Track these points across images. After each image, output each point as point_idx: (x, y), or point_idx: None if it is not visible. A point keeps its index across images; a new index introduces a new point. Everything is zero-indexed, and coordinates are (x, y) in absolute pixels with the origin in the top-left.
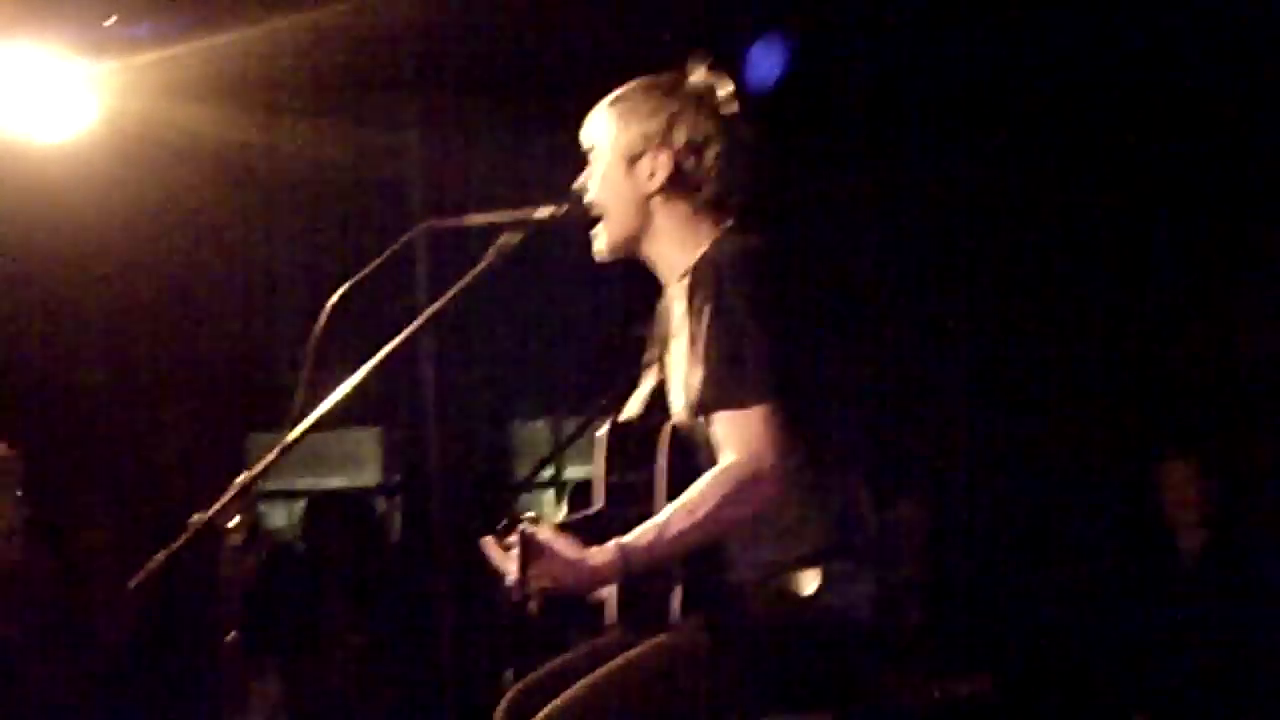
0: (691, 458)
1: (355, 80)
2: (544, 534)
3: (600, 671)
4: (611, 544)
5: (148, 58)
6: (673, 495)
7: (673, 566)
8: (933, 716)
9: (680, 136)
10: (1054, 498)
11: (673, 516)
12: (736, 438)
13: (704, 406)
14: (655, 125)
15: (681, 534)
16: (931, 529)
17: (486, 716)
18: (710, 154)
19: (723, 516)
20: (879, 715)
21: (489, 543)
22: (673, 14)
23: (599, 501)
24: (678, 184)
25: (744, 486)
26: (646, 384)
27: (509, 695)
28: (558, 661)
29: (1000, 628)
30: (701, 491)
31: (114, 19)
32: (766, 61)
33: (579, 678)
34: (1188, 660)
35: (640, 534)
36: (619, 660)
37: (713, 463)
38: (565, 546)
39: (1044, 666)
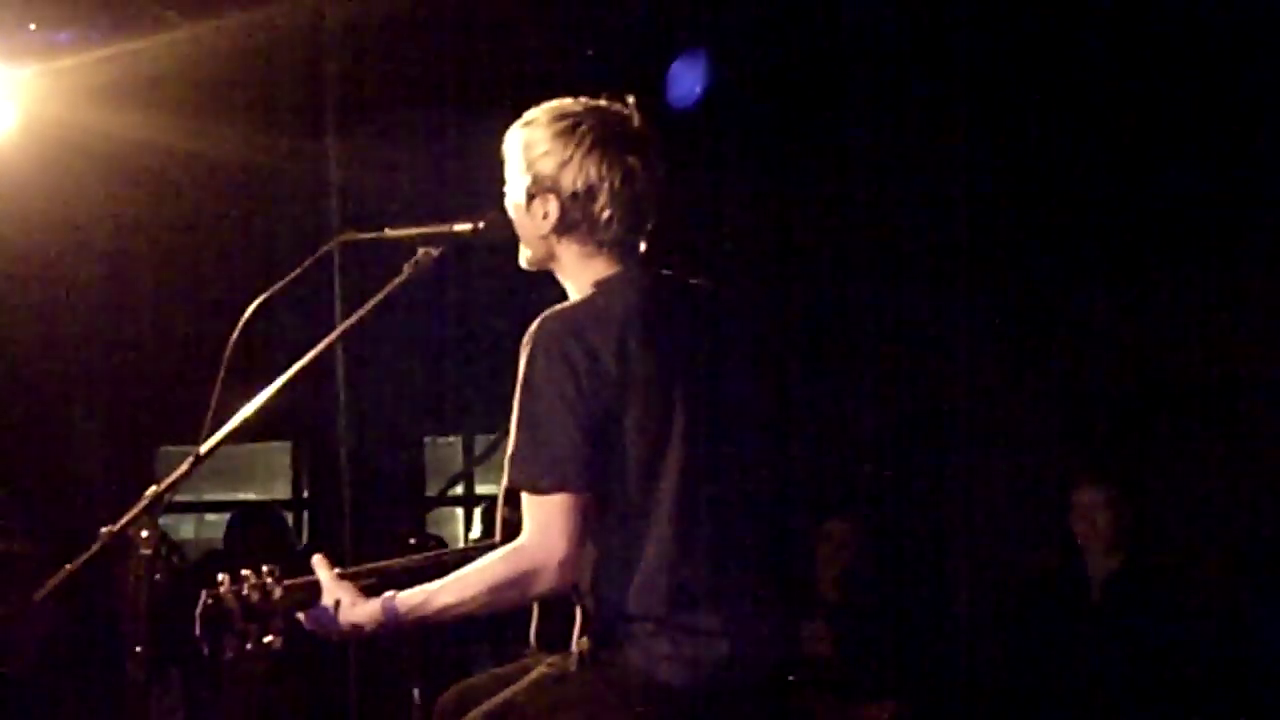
0: None
1: (275, 88)
2: (323, 576)
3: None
4: (378, 602)
5: (68, 63)
6: None
7: (575, 596)
8: None
9: (567, 183)
10: (967, 521)
11: (445, 589)
12: (533, 520)
13: (509, 481)
14: (547, 169)
15: (446, 607)
16: (859, 549)
17: None
18: (598, 202)
19: (495, 600)
20: None
21: (320, 561)
22: (597, 29)
23: (499, 534)
24: (568, 229)
25: (526, 576)
26: None
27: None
28: (494, 674)
29: (911, 652)
30: (480, 572)
31: (34, 25)
32: (688, 78)
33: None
34: (1096, 686)
35: (411, 595)
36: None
37: None
38: (339, 590)
39: (952, 692)
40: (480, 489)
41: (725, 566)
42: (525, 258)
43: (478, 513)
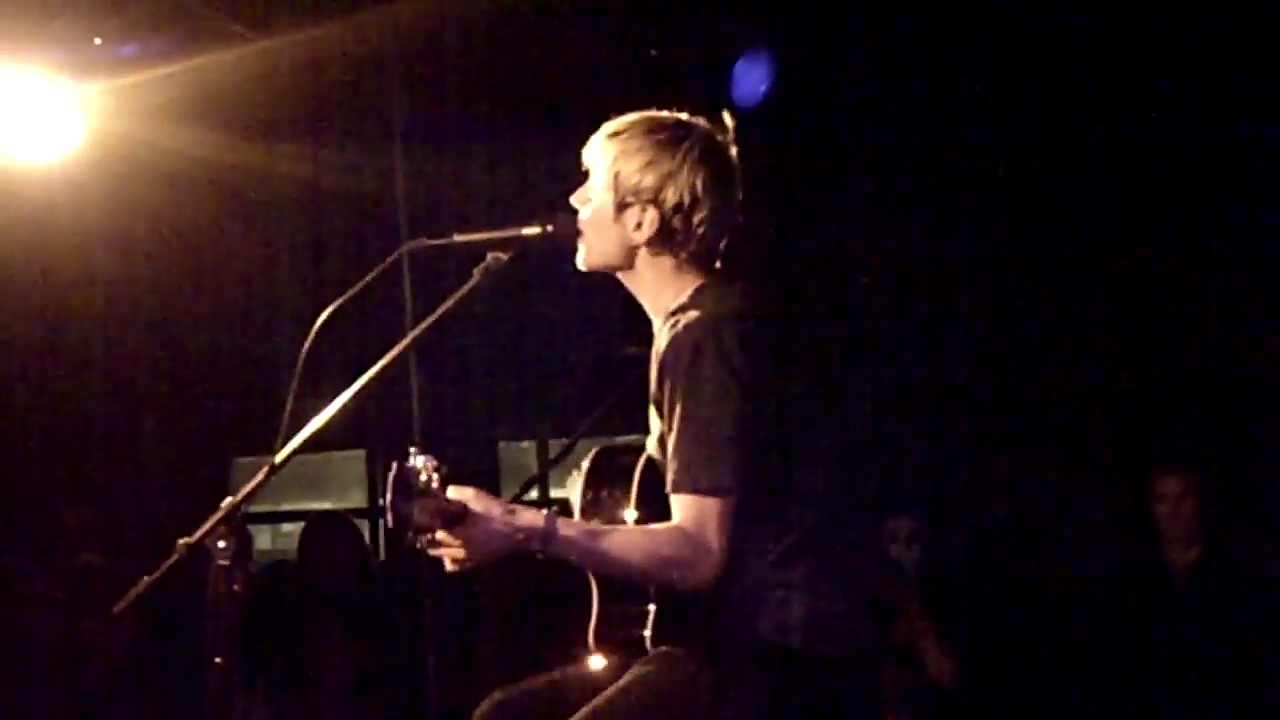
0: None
1: (341, 100)
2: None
3: (589, 707)
4: (541, 514)
5: (134, 79)
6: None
7: (648, 593)
8: None
9: (670, 197)
10: (1048, 510)
11: (610, 536)
12: (692, 521)
13: (671, 484)
14: (648, 181)
15: (609, 559)
16: (927, 544)
17: None
18: (699, 216)
19: (648, 571)
20: None
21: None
22: (659, 33)
23: (578, 516)
24: (663, 240)
25: (682, 564)
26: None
27: (484, 706)
28: (535, 681)
29: (988, 639)
30: (649, 537)
31: (100, 40)
32: (752, 77)
33: (555, 699)
34: (1176, 676)
35: (574, 525)
36: (608, 695)
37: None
38: (492, 501)
39: (1029, 678)
40: (555, 492)
41: (844, 547)
42: (588, 261)
43: None
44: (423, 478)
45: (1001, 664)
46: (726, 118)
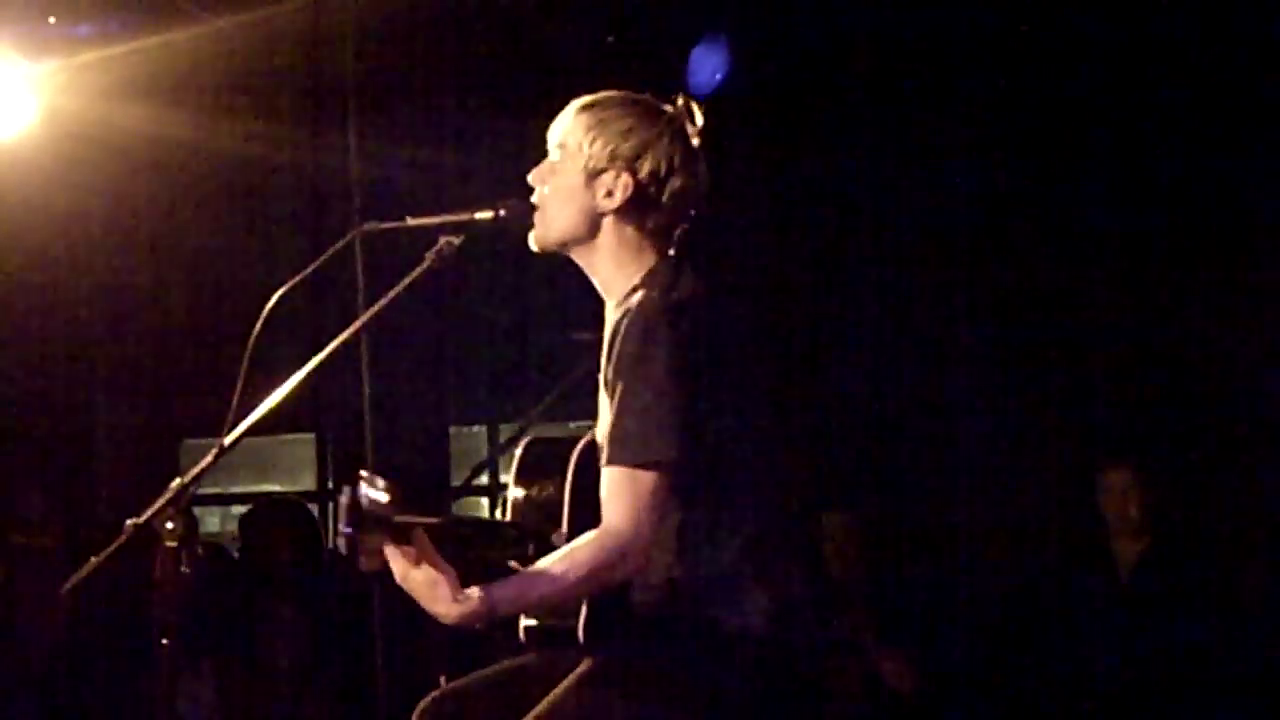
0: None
1: (294, 81)
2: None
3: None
4: (478, 597)
5: (88, 58)
6: (573, 513)
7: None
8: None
9: (648, 164)
10: (993, 504)
11: (541, 578)
12: (626, 498)
13: (605, 458)
14: (627, 146)
15: (544, 598)
16: (867, 537)
17: None
18: (671, 188)
19: (588, 585)
20: None
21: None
22: (614, 20)
23: (509, 514)
24: (633, 208)
25: (615, 560)
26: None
27: (425, 702)
28: (479, 675)
29: (934, 634)
30: (574, 557)
31: (54, 19)
32: (709, 65)
33: (499, 693)
34: (1120, 670)
35: (505, 590)
36: (549, 703)
37: None
38: (442, 573)
39: (976, 673)
40: (505, 478)
41: (796, 537)
42: (543, 236)
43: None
44: (374, 497)
45: (950, 660)
46: (696, 109)
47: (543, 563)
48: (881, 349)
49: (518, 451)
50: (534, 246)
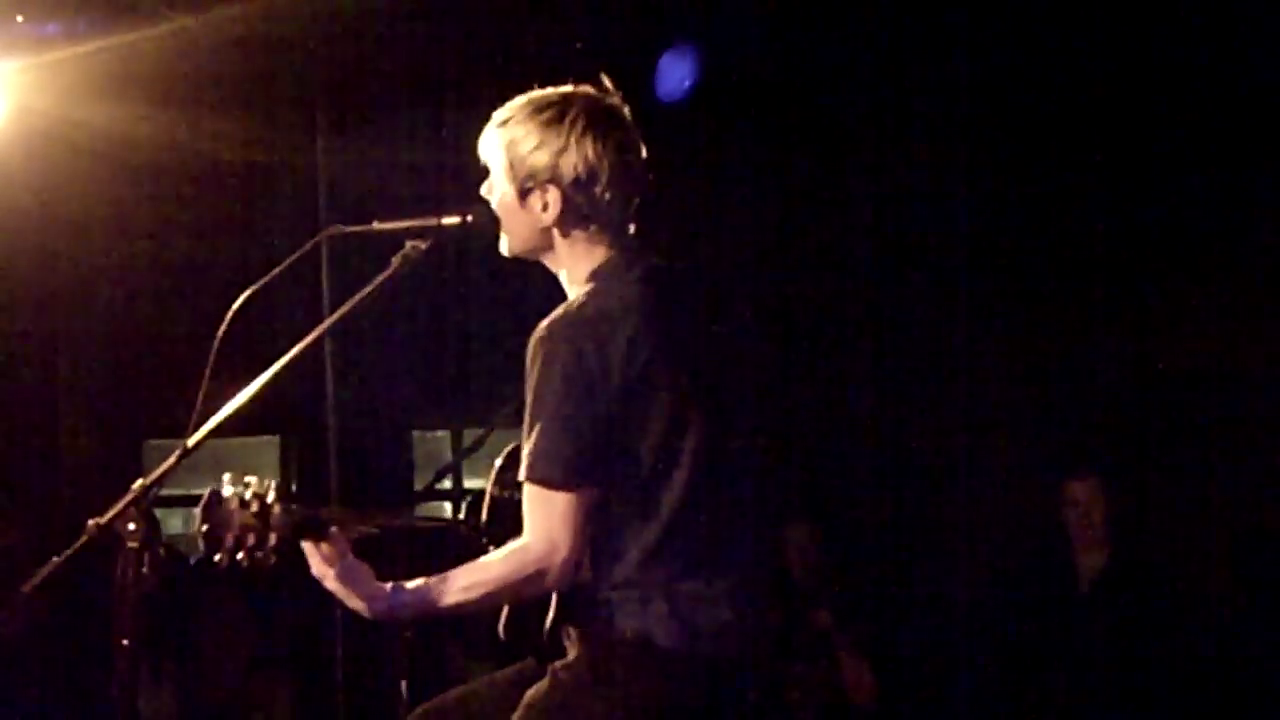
0: None
1: (264, 81)
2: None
3: None
4: (387, 589)
5: (57, 56)
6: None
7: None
8: None
9: (567, 171)
10: (956, 514)
11: (450, 585)
12: (539, 515)
13: (521, 474)
14: (542, 160)
15: (452, 605)
16: (824, 548)
17: None
18: (600, 185)
19: (500, 598)
20: None
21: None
22: (582, 22)
23: (485, 515)
24: (570, 216)
25: (530, 577)
26: None
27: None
28: (458, 691)
29: (895, 640)
30: (486, 569)
31: (21, 18)
32: (677, 72)
33: (478, 709)
34: (1082, 678)
35: (416, 588)
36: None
37: None
38: (355, 568)
39: (938, 681)
40: (468, 483)
41: (725, 548)
42: (510, 248)
43: (464, 506)
44: (240, 498)
45: (909, 669)
46: (605, 79)
47: (457, 571)
48: (845, 359)
49: (499, 459)
50: (505, 253)
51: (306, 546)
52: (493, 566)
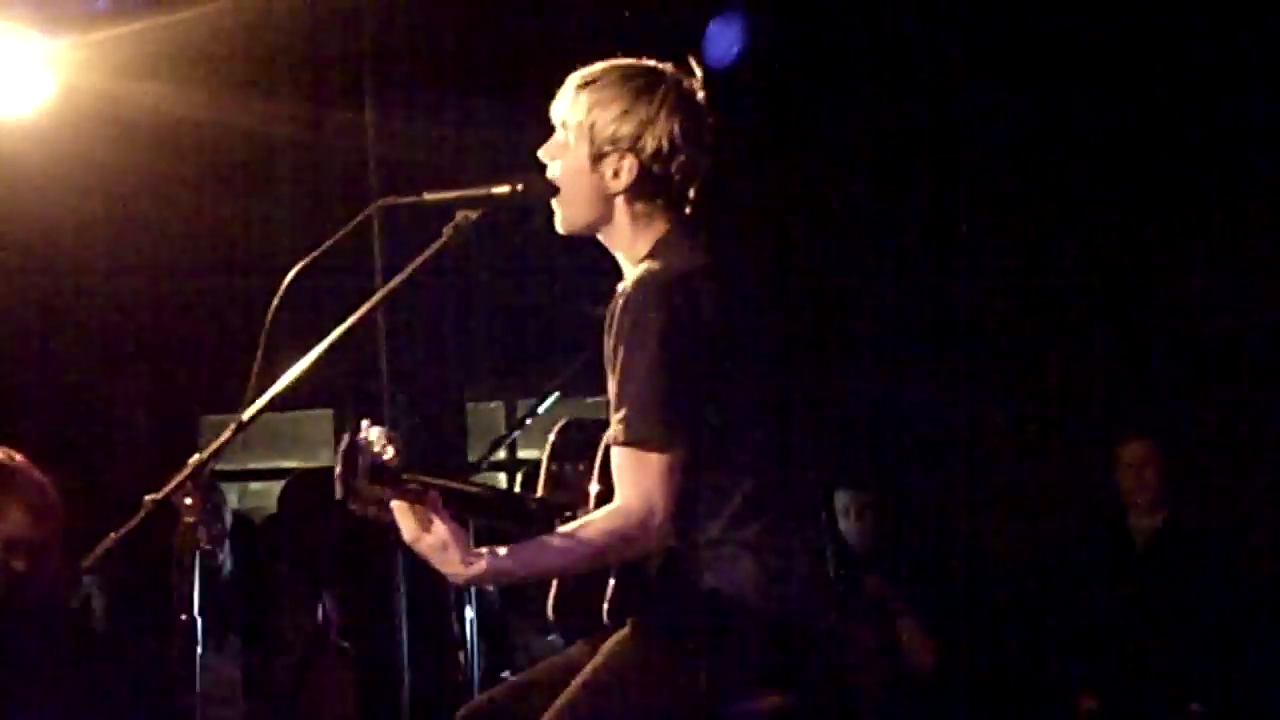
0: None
1: (312, 57)
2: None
3: (566, 694)
4: (484, 552)
5: (105, 34)
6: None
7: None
8: (884, 693)
9: (649, 144)
10: (1010, 478)
11: (548, 548)
12: (638, 477)
13: (611, 437)
14: (626, 129)
15: (550, 568)
16: (881, 514)
17: (442, 700)
18: (676, 162)
19: (597, 562)
20: (831, 692)
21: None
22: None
23: (541, 488)
24: (640, 187)
25: (630, 539)
26: None
27: (465, 710)
28: (516, 680)
29: (950, 607)
30: (586, 532)
31: None
32: (725, 38)
33: (538, 696)
34: (1137, 642)
35: (513, 550)
36: (580, 681)
37: None
38: (452, 530)
39: (993, 646)
40: (522, 453)
41: (799, 508)
42: (567, 221)
43: (519, 477)
44: (376, 448)
45: (968, 636)
46: (694, 64)
47: (554, 534)
48: (896, 324)
49: (553, 434)
50: (560, 230)
51: (399, 507)
52: (592, 528)
